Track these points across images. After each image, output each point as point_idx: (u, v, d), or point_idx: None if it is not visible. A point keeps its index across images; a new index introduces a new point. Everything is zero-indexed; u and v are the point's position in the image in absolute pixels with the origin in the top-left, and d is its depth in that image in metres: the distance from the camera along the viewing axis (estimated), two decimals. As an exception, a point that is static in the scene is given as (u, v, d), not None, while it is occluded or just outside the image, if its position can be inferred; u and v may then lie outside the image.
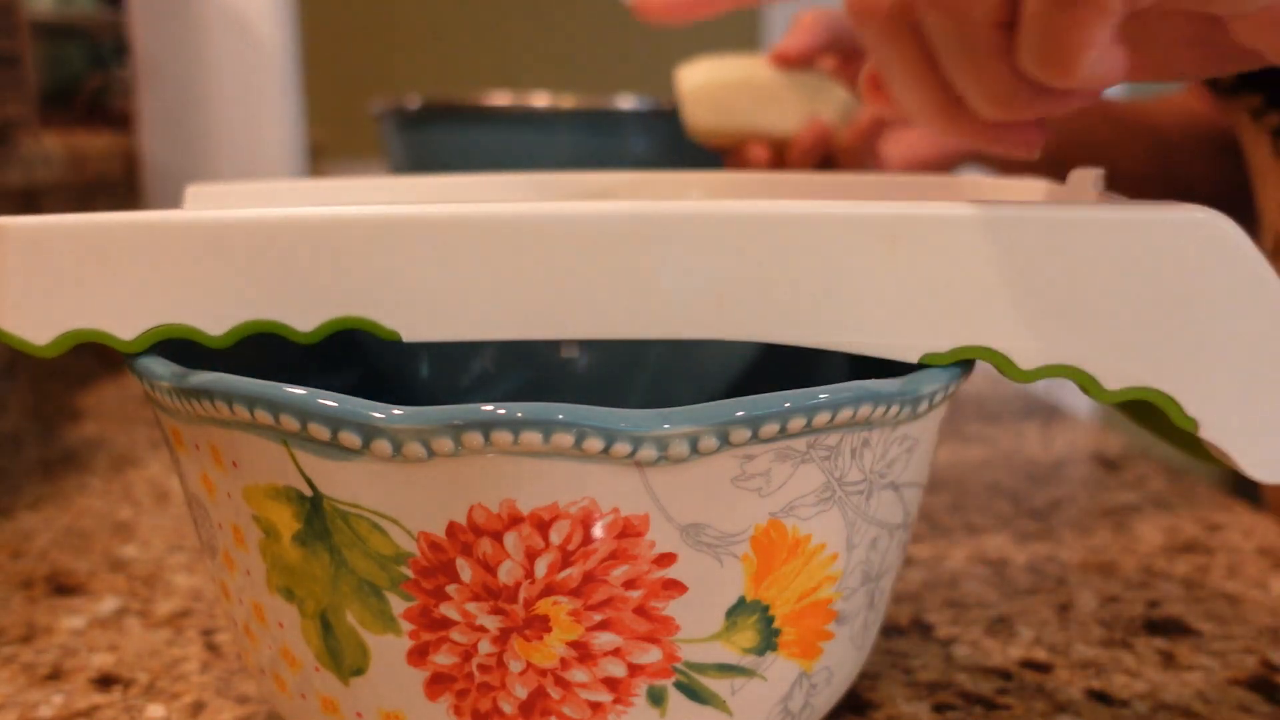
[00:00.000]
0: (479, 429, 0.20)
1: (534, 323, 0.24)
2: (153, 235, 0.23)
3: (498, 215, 0.23)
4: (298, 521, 0.22)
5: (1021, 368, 0.24)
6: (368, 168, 1.77)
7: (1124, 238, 0.23)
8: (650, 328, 0.24)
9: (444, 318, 0.24)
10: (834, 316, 0.24)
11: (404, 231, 0.23)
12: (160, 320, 0.24)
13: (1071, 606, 0.38)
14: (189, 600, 0.38)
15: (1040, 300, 0.24)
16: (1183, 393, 0.24)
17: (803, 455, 0.22)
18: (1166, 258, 0.23)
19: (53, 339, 0.23)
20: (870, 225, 0.23)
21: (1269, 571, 0.41)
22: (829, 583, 0.24)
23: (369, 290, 0.23)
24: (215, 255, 0.23)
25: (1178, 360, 0.24)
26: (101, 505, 0.48)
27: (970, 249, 0.23)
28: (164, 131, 0.77)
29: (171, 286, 0.23)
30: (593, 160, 0.56)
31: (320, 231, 0.23)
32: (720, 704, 0.23)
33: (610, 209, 0.23)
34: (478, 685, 0.22)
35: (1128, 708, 0.31)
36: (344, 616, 0.22)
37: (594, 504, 0.21)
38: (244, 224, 0.23)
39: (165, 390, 0.23)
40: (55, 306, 0.23)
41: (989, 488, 0.51)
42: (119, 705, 0.32)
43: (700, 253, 0.23)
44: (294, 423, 0.21)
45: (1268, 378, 0.25)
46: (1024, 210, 0.23)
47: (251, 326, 0.24)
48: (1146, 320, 0.24)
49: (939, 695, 0.32)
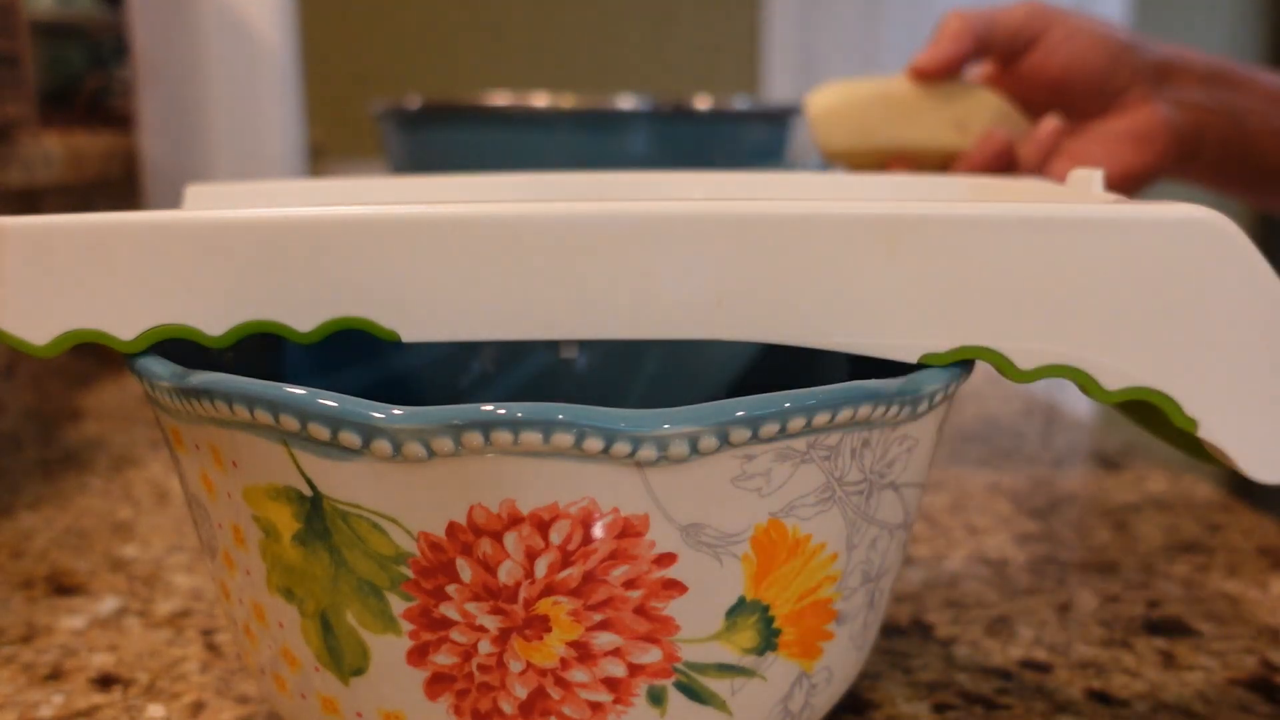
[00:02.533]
0: (479, 429, 0.20)
1: (533, 323, 0.24)
2: (152, 235, 0.23)
3: (497, 215, 0.23)
4: (298, 521, 0.22)
5: (1021, 368, 0.24)
6: (368, 168, 1.77)
7: (1124, 238, 0.23)
8: (650, 328, 0.24)
9: (443, 318, 0.24)
10: (833, 317, 0.24)
11: (403, 232, 0.23)
12: (160, 320, 0.24)
13: (1071, 606, 0.38)
14: (189, 600, 0.38)
15: (1040, 300, 0.24)
16: (1182, 393, 0.24)
17: (803, 455, 0.22)
18: (1166, 258, 0.23)
19: (52, 339, 0.23)
20: (870, 226, 0.23)
21: (1269, 571, 0.41)
22: (829, 583, 0.24)
23: (368, 290, 0.23)
24: (215, 255, 0.23)
25: (1177, 360, 0.24)
26: (101, 505, 0.48)
27: (969, 249, 0.23)
28: (164, 131, 0.77)
29: (171, 287, 0.23)
30: (593, 160, 0.56)
31: (319, 231, 0.23)
32: (720, 704, 0.23)
33: (610, 210, 0.23)
34: (478, 685, 0.22)
35: (1128, 708, 0.31)
36: (344, 616, 0.22)
37: (594, 504, 0.21)
38: (243, 224, 0.23)
39: (165, 390, 0.23)
40: (54, 306, 0.23)
41: (989, 488, 0.51)
42: (119, 705, 0.32)
43: (700, 253, 0.23)
44: (294, 423, 0.21)
45: (1268, 378, 0.25)
46: (1023, 210, 0.23)
47: (251, 327, 0.24)
48: (1146, 320, 0.24)
49: (939, 695, 0.32)
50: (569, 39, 2.15)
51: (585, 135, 0.58)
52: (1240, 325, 0.24)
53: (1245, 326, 0.24)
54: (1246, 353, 0.24)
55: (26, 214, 0.23)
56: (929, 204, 0.24)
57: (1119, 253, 0.23)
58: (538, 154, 0.58)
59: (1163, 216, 0.23)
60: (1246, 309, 0.24)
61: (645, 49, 2.17)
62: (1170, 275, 0.24)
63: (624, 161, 0.57)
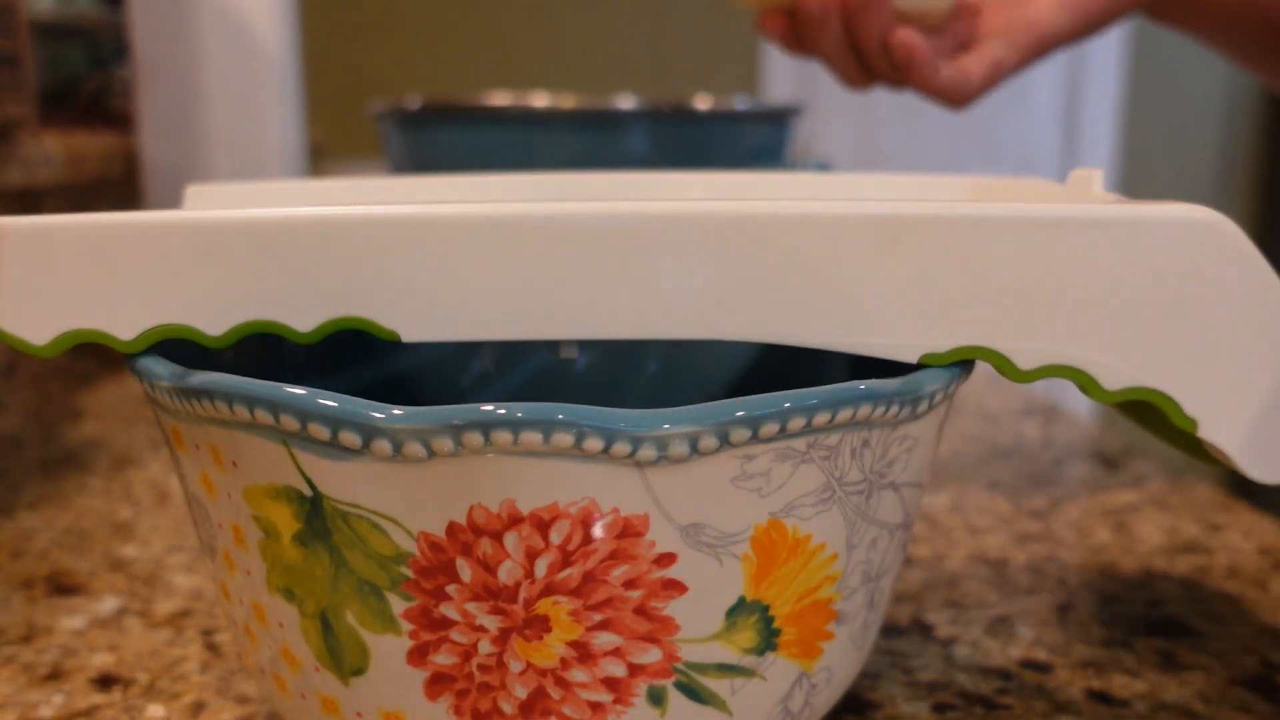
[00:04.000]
0: (479, 429, 0.20)
1: (532, 323, 0.24)
2: (152, 235, 0.23)
3: (496, 215, 0.23)
4: (298, 521, 0.22)
5: (1021, 368, 0.24)
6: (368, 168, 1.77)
7: (1123, 237, 0.23)
8: (649, 328, 0.24)
9: (442, 318, 0.24)
10: (833, 317, 0.24)
11: (402, 232, 0.23)
12: (159, 320, 0.24)
13: (1071, 606, 0.38)
14: (189, 600, 0.38)
15: (1039, 300, 0.24)
16: (1182, 393, 0.24)
17: (802, 455, 0.22)
18: (1166, 257, 0.23)
19: (52, 339, 0.23)
20: (868, 226, 0.23)
21: (1269, 571, 0.41)
22: (829, 583, 0.24)
23: (367, 290, 0.23)
24: (214, 255, 0.23)
25: (1177, 360, 0.24)
26: (101, 505, 0.48)
27: (969, 249, 0.23)
28: (164, 131, 0.77)
29: (170, 287, 0.23)
30: (593, 160, 0.56)
31: (319, 231, 0.23)
32: (720, 704, 0.23)
33: (609, 210, 0.23)
34: (478, 685, 0.22)
35: (1128, 708, 0.31)
36: (344, 616, 0.22)
37: (594, 504, 0.21)
38: (243, 224, 0.23)
39: (165, 390, 0.23)
40: (55, 306, 0.23)
41: (989, 488, 0.51)
42: (119, 705, 0.32)
43: (699, 253, 0.23)
44: (294, 423, 0.21)
45: (1267, 377, 0.25)
46: (1023, 210, 0.23)
47: (251, 327, 0.24)
48: (1146, 320, 0.24)
49: (939, 695, 0.32)
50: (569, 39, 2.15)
51: (585, 135, 0.58)
52: (1240, 325, 0.24)
53: (1245, 326, 0.24)
54: (1246, 353, 0.24)
55: (26, 214, 0.23)
56: (928, 204, 0.24)
57: (1118, 253, 0.23)
58: (538, 154, 0.58)
59: (1162, 216, 0.23)
60: (1246, 309, 0.24)
61: (645, 49, 2.17)
62: (1170, 275, 0.24)
63: (624, 161, 0.57)
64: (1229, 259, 0.24)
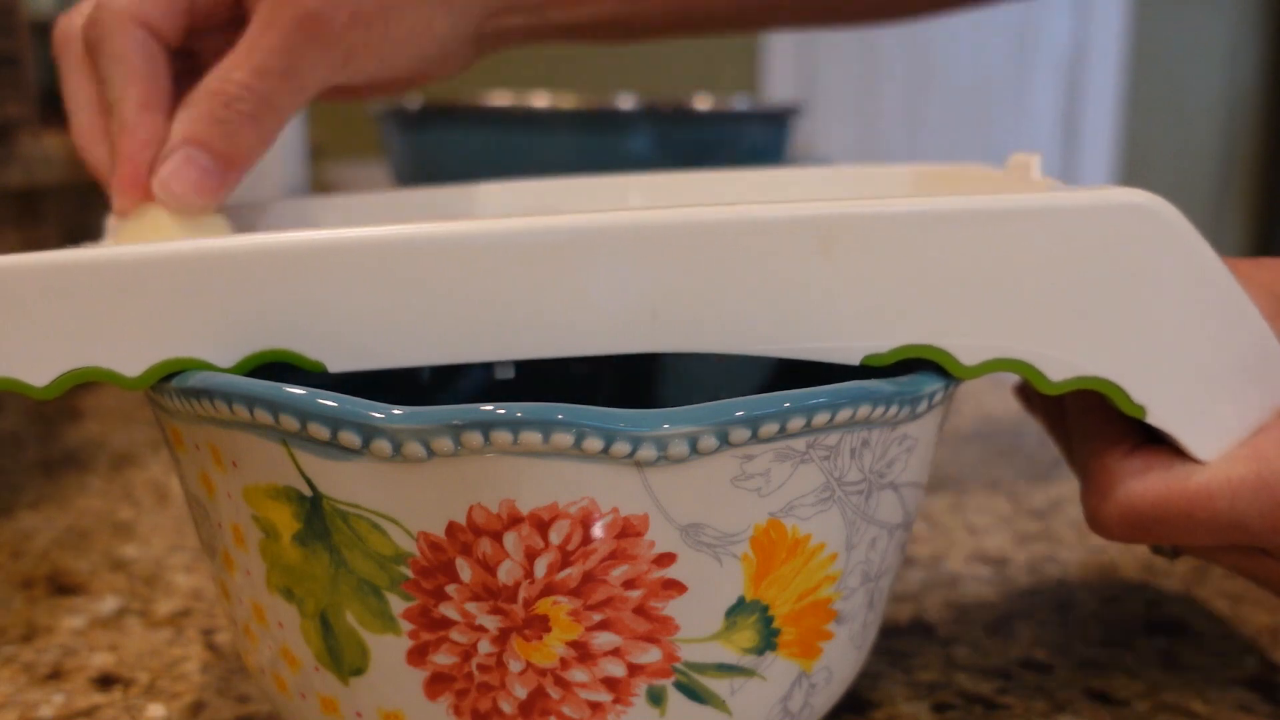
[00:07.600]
0: (479, 429, 0.20)
1: (463, 347, 0.23)
2: (62, 275, 0.22)
3: (412, 237, 0.22)
4: (298, 521, 0.22)
5: (964, 364, 0.24)
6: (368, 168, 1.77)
7: (1062, 225, 0.23)
8: (584, 345, 0.23)
9: (369, 346, 0.23)
10: (770, 322, 0.23)
11: (320, 259, 0.22)
12: (73, 365, 0.23)
13: (1071, 606, 0.38)
14: (189, 600, 0.38)
15: (979, 294, 0.23)
16: (1128, 380, 0.24)
17: (802, 455, 0.22)
18: (1106, 244, 0.23)
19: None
20: (802, 227, 0.23)
21: (1269, 571, 0.41)
22: (828, 583, 0.24)
23: (288, 322, 0.22)
24: (129, 293, 0.22)
25: (1122, 347, 0.24)
26: (101, 505, 0.48)
27: (905, 246, 0.23)
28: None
29: (81, 327, 0.22)
30: (593, 160, 0.56)
31: (235, 263, 0.22)
32: (720, 704, 0.23)
33: (531, 225, 0.22)
34: (477, 685, 0.22)
35: (1128, 708, 0.31)
36: (344, 616, 0.22)
37: (593, 504, 0.21)
38: (157, 259, 0.22)
39: (165, 390, 0.23)
40: None
41: (989, 488, 0.51)
42: (119, 705, 0.32)
43: (628, 265, 0.23)
44: (294, 423, 0.21)
45: (1211, 359, 0.24)
46: (958, 204, 0.23)
47: (166, 366, 0.23)
48: (1089, 309, 0.23)
49: (939, 695, 0.32)
50: (569, 39, 2.15)
51: (585, 135, 0.58)
52: (1183, 308, 0.24)
53: (1188, 309, 0.24)
54: (1190, 336, 0.24)
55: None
56: (862, 202, 0.23)
57: (1057, 241, 0.23)
58: (538, 154, 0.58)
59: (1100, 202, 0.23)
60: (1188, 291, 0.24)
61: (645, 49, 2.17)
62: (1110, 261, 0.23)
63: (624, 161, 0.57)
64: (1169, 242, 0.23)
